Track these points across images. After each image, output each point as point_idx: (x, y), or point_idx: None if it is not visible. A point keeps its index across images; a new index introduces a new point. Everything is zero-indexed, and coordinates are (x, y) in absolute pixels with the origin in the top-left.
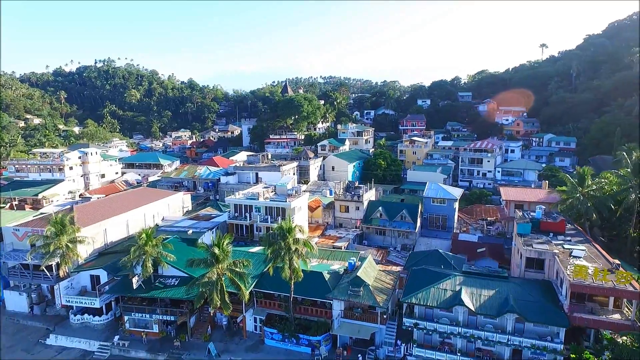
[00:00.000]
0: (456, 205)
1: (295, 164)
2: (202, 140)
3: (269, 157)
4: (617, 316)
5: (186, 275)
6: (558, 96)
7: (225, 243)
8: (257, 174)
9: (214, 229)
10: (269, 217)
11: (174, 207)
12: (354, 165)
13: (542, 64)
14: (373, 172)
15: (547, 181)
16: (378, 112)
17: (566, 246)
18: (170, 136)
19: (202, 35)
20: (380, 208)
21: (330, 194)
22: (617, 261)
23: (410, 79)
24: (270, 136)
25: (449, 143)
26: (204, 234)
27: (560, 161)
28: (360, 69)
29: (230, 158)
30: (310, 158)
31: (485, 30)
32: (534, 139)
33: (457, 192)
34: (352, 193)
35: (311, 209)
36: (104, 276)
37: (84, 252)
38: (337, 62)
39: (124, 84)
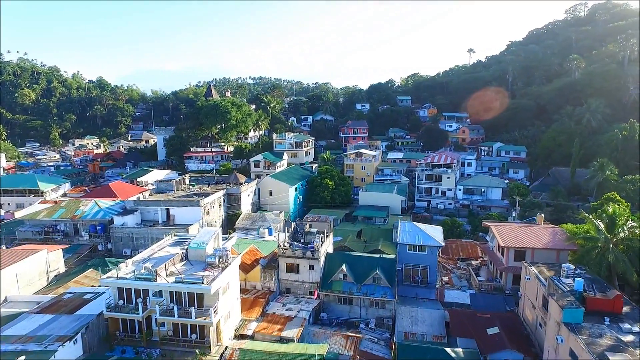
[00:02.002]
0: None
1: (221, 193)
2: (108, 152)
3: (187, 182)
4: None
5: None
6: (499, 102)
7: None
8: (168, 210)
9: (81, 332)
10: (177, 306)
11: (31, 274)
12: (295, 188)
13: (470, 68)
14: (319, 194)
15: (542, 214)
16: (316, 118)
17: None
18: (73, 144)
19: (120, 31)
20: (343, 266)
21: (270, 234)
22: None
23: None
24: (192, 149)
25: (399, 155)
26: (56, 352)
27: (514, 173)
28: (290, 70)
29: (140, 179)
30: (242, 183)
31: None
32: (483, 147)
33: (439, 235)
34: (303, 244)
35: (245, 268)
36: None
37: None
38: (268, 62)
39: (16, 82)
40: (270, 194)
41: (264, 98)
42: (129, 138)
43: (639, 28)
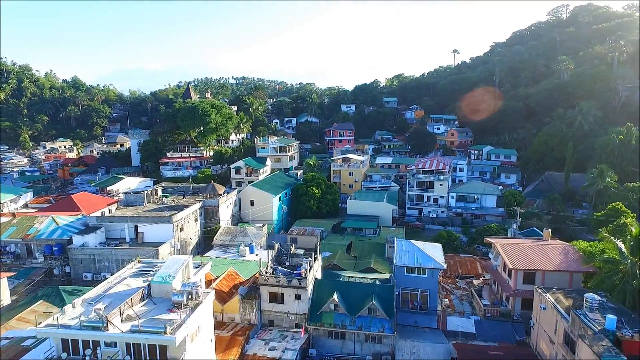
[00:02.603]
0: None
1: (196, 206)
2: (80, 156)
3: (159, 193)
4: None
5: None
6: (487, 103)
7: None
8: (136, 227)
9: None
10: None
11: None
12: (279, 198)
13: (455, 69)
14: (305, 203)
15: (549, 230)
16: (300, 120)
17: None
18: (44, 147)
19: (100, 29)
20: (335, 296)
21: (251, 252)
22: None
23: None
24: (168, 154)
25: (388, 160)
26: None
27: (506, 178)
28: (274, 70)
29: (110, 187)
30: (220, 195)
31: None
32: (472, 151)
33: (439, 255)
34: (288, 269)
35: (222, 297)
36: None
37: None
38: (250, 62)
39: None
40: (252, 204)
41: (246, 99)
42: (103, 141)
43: None
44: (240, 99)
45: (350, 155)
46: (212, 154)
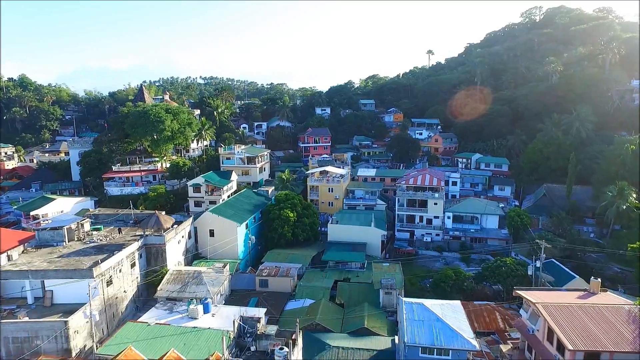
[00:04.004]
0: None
1: (133, 247)
2: (13, 167)
3: (87, 227)
4: None
5: None
6: (471, 107)
7: None
8: (43, 283)
9: None
10: None
11: None
12: (247, 224)
13: (431, 70)
14: (277, 230)
15: (598, 280)
16: (271, 125)
17: None
18: None
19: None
20: None
21: (206, 311)
22: None
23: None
24: (114, 167)
25: (371, 172)
26: None
27: (500, 190)
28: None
29: (37, 211)
30: (166, 230)
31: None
32: (460, 159)
33: (464, 324)
34: (254, 356)
35: None
36: None
37: None
38: (218, 62)
39: None
40: (212, 234)
41: (211, 102)
42: (46, 148)
43: None
44: (204, 101)
45: (329, 168)
46: (168, 165)
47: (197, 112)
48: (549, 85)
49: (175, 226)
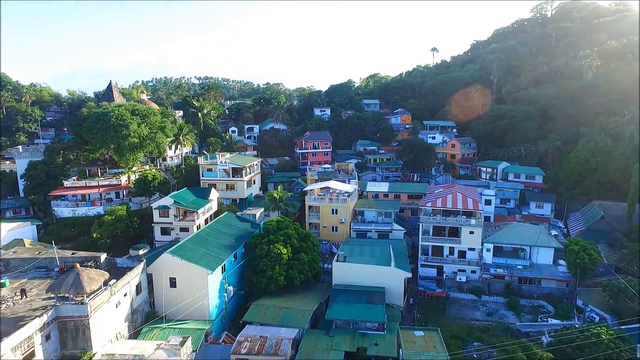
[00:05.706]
0: None
1: (35, 325)
2: None
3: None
4: None
5: None
6: (492, 108)
7: None
8: None
9: None
10: None
11: None
12: (223, 268)
13: (434, 68)
14: (265, 273)
15: None
16: (265, 128)
17: None
18: None
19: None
20: None
21: None
22: None
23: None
24: (66, 182)
25: (383, 187)
26: None
27: (537, 208)
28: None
29: None
30: (92, 293)
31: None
32: (483, 168)
33: None
34: None
35: None
36: None
37: None
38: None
39: None
40: (174, 284)
41: (195, 102)
42: (3, 155)
43: None
44: (187, 101)
45: (332, 184)
46: (135, 178)
47: (179, 113)
48: (584, 84)
49: (112, 283)
